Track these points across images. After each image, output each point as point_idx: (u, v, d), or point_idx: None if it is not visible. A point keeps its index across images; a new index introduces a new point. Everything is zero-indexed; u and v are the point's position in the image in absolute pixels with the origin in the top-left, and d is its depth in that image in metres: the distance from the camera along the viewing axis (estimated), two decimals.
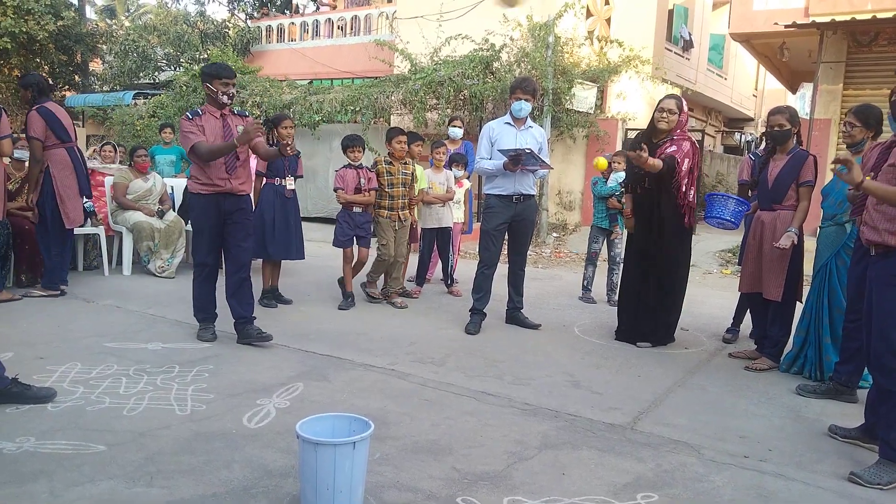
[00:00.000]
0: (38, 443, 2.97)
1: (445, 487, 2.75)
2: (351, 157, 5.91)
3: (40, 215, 5.69)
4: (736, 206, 4.73)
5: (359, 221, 5.96)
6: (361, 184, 5.89)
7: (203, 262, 4.71)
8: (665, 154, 4.74)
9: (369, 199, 5.95)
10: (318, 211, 12.25)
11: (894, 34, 9.25)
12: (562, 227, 11.74)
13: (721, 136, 20.00)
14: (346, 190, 5.86)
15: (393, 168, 6.02)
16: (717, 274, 8.69)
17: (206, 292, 4.77)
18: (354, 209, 5.92)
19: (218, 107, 4.61)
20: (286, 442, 3.06)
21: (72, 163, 5.81)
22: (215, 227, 4.64)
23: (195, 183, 4.61)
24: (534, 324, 5.52)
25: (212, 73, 4.57)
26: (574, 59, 11.61)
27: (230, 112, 4.67)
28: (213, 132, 4.56)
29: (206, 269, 4.72)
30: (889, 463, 2.95)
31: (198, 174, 4.59)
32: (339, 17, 17.46)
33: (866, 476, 2.92)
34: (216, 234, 4.66)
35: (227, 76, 4.54)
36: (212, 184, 4.55)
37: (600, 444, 3.27)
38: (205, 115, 4.58)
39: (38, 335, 4.64)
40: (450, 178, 6.70)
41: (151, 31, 18.75)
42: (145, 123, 14.72)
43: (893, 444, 2.95)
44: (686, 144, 4.83)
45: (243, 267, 4.76)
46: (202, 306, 4.79)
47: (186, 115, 4.62)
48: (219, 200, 4.59)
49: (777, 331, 4.62)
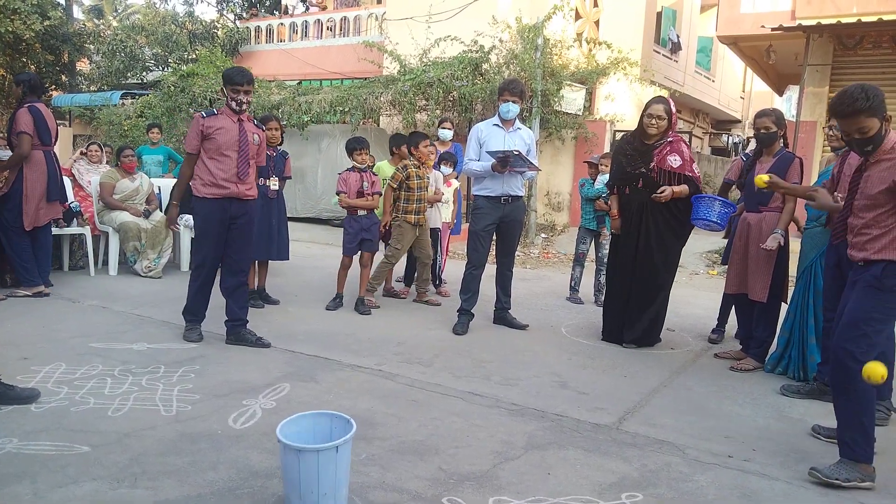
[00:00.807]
0: (21, 444, 2.94)
1: (431, 487, 2.75)
2: (357, 160, 5.83)
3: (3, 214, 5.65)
4: (721, 207, 4.76)
5: (364, 225, 5.86)
6: (364, 187, 5.81)
7: (203, 264, 4.64)
8: (673, 170, 4.85)
9: (372, 203, 5.87)
10: (306, 211, 12.22)
11: (879, 38, 9.35)
12: (550, 228, 11.77)
13: (709, 137, 20.12)
14: (349, 194, 5.79)
15: (421, 172, 6.01)
16: (703, 275, 8.74)
17: (202, 296, 4.71)
18: (359, 212, 5.85)
19: (233, 111, 4.55)
20: (272, 443, 3.05)
21: (46, 166, 5.79)
22: (221, 232, 4.58)
23: (201, 186, 4.52)
24: (521, 324, 5.53)
25: (225, 77, 4.55)
26: (563, 60, 11.65)
27: (248, 119, 4.63)
28: (229, 136, 4.50)
29: (204, 271, 4.65)
30: (849, 462, 2.96)
31: (204, 176, 4.51)
32: (329, 17, 17.42)
33: (826, 471, 2.94)
34: (220, 239, 4.60)
35: (238, 82, 4.48)
36: (220, 187, 4.50)
37: (586, 444, 3.28)
38: (221, 116, 4.52)
39: (22, 335, 4.60)
40: (438, 179, 6.69)
41: (139, 31, 18.63)
42: (133, 123, 14.65)
43: (851, 442, 2.96)
44: (684, 148, 4.95)
45: (243, 272, 4.75)
46: (194, 309, 4.75)
47: (201, 112, 4.56)
48: (225, 205, 4.54)
49: (762, 331, 4.66)
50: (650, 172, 4.88)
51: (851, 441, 2.96)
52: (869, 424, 2.94)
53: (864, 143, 3.01)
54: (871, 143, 2.99)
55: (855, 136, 3.01)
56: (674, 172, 4.86)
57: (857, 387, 2.90)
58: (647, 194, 4.90)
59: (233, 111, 4.54)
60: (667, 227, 4.94)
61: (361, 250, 5.94)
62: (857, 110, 2.92)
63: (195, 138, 4.52)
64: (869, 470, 2.95)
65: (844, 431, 2.99)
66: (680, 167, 4.86)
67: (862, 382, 2.76)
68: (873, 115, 2.93)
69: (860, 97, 2.90)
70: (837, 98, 2.99)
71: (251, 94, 4.62)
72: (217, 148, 4.49)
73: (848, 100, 2.93)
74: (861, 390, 2.91)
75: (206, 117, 4.50)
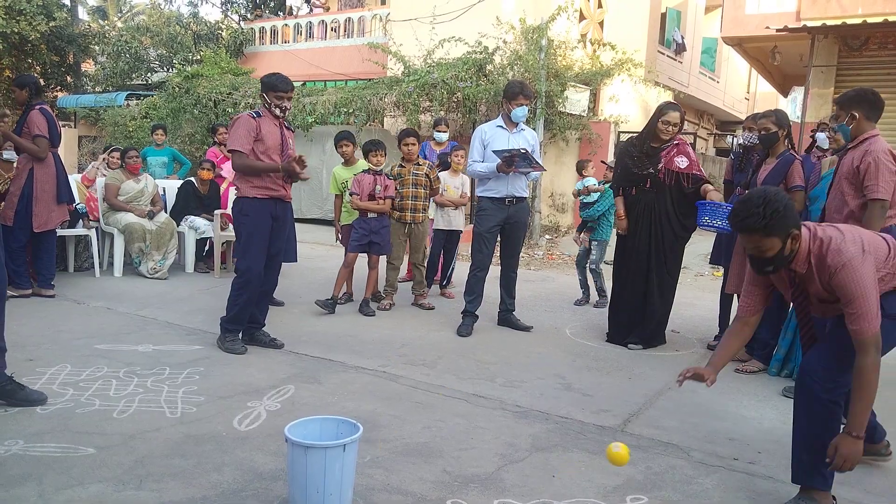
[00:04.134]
0: (26, 445, 2.95)
1: (436, 490, 2.75)
2: (372, 162, 5.81)
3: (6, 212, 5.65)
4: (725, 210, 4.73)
5: (374, 227, 5.83)
6: (377, 190, 5.79)
7: (252, 267, 4.50)
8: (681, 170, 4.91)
9: (383, 206, 5.83)
10: (312, 212, 12.24)
11: (884, 38, 9.34)
12: (554, 230, 11.76)
13: (713, 138, 20.08)
14: (361, 196, 5.77)
15: (404, 170, 6.01)
16: (708, 276, 8.72)
17: (250, 300, 4.55)
18: (369, 215, 5.83)
19: (274, 116, 4.56)
20: (276, 444, 3.05)
21: (55, 168, 5.80)
22: (267, 231, 4.55)
23: (249, 187, 4.48)
24: (526, 326, 5.53)
25: (268, 84, 4.53)
26: (567, 62, 11.64)
27: (284, 124, 4.65)
28: (273, 139, 4.50)
29: (254, 275, 4.51)
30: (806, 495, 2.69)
31: (252, 179, 4.49)
32: (333, 19, 17.45)
33: None
34: (266, 239, 4.56)
35: (283, 90, 4.49)
36: (267, 188, 4.51)
37: (591, 446, 3.28)
38: (265, 118, 4.51)
39: (28, 336, 4.62)
40: (465, 182, 6.69)
41: (144, 33, 18.69)
42: (137, 124, 14.68)
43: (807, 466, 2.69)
44: (689, 149, 5.03)
45: (276, 273, 4.79)
46: (240, 317, 4.56)
47: (251, 113, 4.52)
48: (269, 205, 4.55)
49: (766, 333, 4.64)
50: (658, 173, 4.92)
51: (809, 464, 2.68)
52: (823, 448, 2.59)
53: (762, 262, 2.60)
54: (770, 263, 2.59)
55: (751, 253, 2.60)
56: (681, 173, 4.92)
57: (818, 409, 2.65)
58: (654, 195, 4.94)
59: (275, 116, 4.56)
60: (672, 227, 4.97)
61: (370, 252, 5.93)
62: (751, 228, 2.50)
63: (247, 137, 4.42)
64: (829, 499, 2.68)
65: (803, 453, 2.70)
66: (687, 167, 4.93)
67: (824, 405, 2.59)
68: (771, 234, 2.49)
69: (755, 213, 2.46)
70: (736, 205, 2.58)
71: (291, 101, 4.64)
72: (265, 150, 4.49)
73: (742, 213, 2.51)
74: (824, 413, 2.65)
75: (256, 118, 4.47)
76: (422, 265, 6.26)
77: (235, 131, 4.45)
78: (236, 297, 4.52)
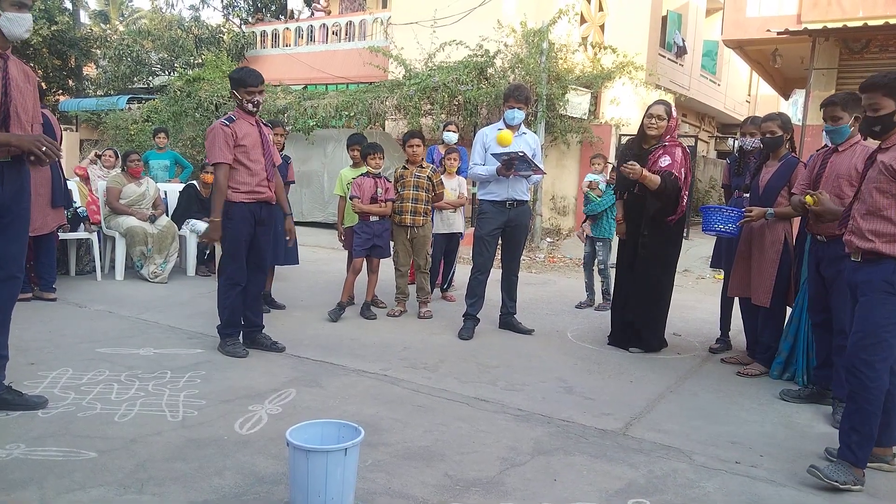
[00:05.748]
0: (28, 449, 2.95)
1: (437, 494, 2.75)
2: (371, 165, 5.78)
3: None
4: (730, 213, 4.72)
5: (376, 230, 5.81)
6: (378, 193, 5.75)
7: (237, 271, 4.50)
8: (661, 169, 4.74)
9: (384, 210, 5.80)
10: (312, 216, 12.25)
11: (885, 41, 9.33)
12: (555, 233, 11.76)
13: (714, 141, 20.08)
14: (363, 199, 5.73)
15: (406, 172, 5.96)
16: (709, 279, 8.71)
17: (237, 301, 4.56)
18: (371, 218, 5.80)
19: (248, 114, 4.50)
20: (278, 448, 3.05)
21: (50, 172, 5.79)
22: (248, 234, 4.53)
23: (235, 192, 4.43)
24: (527, 329, 5.52)
25: (237, 80, 4.47)
26: (568, 65, 11.66)
27: (260, 121, 4.59)
28: (252, 140, 4.45)
29: (240, 277, 4.52)
30: (847, 464, 2.97)
31: (239, 182, 4.44)
32: (334, 22, 17.49)
33: (826, 471, 2.94)
34: (247, 242, 4.54)
35: (253, 84, 4.43)
36: (255, 192, 4.48)
37: (592, 449, 3.27)
38: (239, 121, 4.44)
39: (29, 340, 4.62)
40: (462, 184, 6.66)
41: (146, 36, 18.75)
42: (139, 128, 14.72)
43: (853, 446, 2.97)
44: (678, 152, 4.84)
45: (263, 274, 4.76)
46: (234, 320, 4.59)
47: (223, 121, 4.43)
48: (255, 209, 4.52)
49: (768, 336, 4.64)
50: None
51: (855, 445, 2.96)
52: (871, 433, 2.96)
53: (872, 122, 3.04)
54: (879, 122, 3.02)
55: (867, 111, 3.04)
56: (661, 172, 4.74)
57: (869, 396, 2.91)
58: (642, 199, 4.88)
59: (249, 113, 4.49)
60: (659, 230, 4.89)
61: (371, 256, 5.91)
62: (875, 84, 2.99)
63: (226, 147, 4.35)
64: (860, 474, 2.97)
65: (850, 435, 2.99)
66: (668, 166, 4.76)
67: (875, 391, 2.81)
68: (889, 94, 2.95)
69: (879, 75, 3.01)
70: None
71: (264, 94, 4.58)
72: (246, 154, 4.43)
73: (872, 76, 3.06)
74: (873, 400, 2.92)
75: (228, 125, 4.39)
76: (425, 270, 6.11)
77: (212, 144, 4.38)
78: (223, 299, 4.56)
